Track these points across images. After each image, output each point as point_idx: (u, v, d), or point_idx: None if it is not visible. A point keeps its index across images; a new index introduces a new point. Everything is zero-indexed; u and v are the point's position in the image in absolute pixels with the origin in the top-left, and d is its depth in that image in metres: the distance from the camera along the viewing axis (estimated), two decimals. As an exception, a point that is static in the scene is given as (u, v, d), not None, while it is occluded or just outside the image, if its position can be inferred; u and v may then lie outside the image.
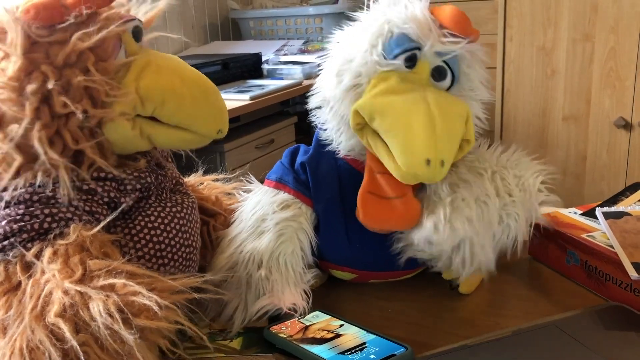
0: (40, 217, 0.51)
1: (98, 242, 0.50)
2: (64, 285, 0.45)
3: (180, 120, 0.55)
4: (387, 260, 0.63)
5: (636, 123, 2.12)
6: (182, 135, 0.56)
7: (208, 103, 0.56)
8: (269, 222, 0.62)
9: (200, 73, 0.58)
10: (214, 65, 1.99)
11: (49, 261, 0.48)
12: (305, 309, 0.60)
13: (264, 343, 0.57)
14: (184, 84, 0.54)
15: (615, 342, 0.53)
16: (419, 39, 0.57)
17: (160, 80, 0.54)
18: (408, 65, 0.58)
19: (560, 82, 2.24)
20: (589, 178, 2.27)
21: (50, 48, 0.51)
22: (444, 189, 0.59)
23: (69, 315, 0.44)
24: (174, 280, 0.49)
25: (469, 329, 0.60)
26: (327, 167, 0.64)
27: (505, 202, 0.60)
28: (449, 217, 0.58)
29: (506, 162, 0.63)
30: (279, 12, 2.55)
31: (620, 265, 0.61)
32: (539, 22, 2.22)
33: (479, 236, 0.59)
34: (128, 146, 0.56)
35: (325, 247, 0.64)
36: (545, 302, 0.64)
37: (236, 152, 1.81)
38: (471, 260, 0.59)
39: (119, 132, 0.53)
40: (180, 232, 0.58)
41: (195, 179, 0.75)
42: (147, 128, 0.55)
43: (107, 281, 0.46)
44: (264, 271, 0.60)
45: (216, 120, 0.57)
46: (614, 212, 0.70)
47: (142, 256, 0.55)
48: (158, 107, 0.53)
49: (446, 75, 0.59)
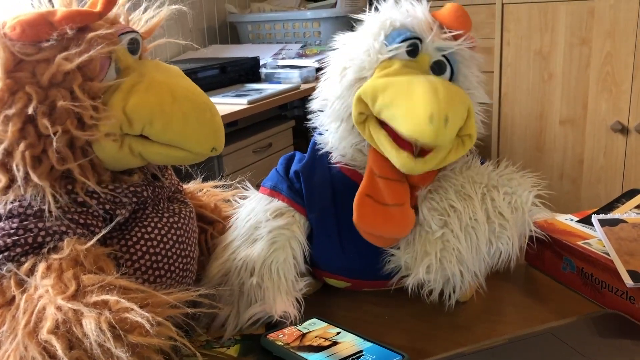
0: (34, 230, 0.50)
1: (92, 255, 0.50)
2: (57, 302, 0.45)
3: (171, 139, 0.53)
4: (380, 269, 0.63)
5: (633, 127, 2.13)
6: (174, 152, 0.54)
7: (200, 121, 0.54)
8: (262, 230, 0.62)
9: (196, 89, 0.56)
10: (212, 69, 1.99)
11: (43, 276, 0.48)
12: (297, 317, 0.60)
13: (261, 350, 0.57)
14: (175, 101, 0.53)
15: (611, 350, 0.53)
16: (420, 33, 0.59)
17: (148, 98, 0.52)
18: (410, 53, 0.59)
19: (557, 86, 2.24)
20: (585, 182, 2.28)
21: (37, 66, 0.50)
22: (434, 222, 0.60)
23: (62, 331, 0.44)
24: (168, 295, 0.48)
25: (465, 336, 0.60)
26: (321, 176, 0.64)
27: (495, 225, 0.60)
28: (440, 257, 0.59)
29: (497, 180, 0.62)
30: (276, 16, 2.55)
31: (616, 272, 0.61)
32: (536, 26, 2.22)
33: (469, 266, 0.60)
34: (119, 163, 0.55)
35: (319, 255, 0.65)
36: (541, 309, 0.64)
37: (234, 156, 1.81)
38: (462, 285, 0.62)
39: (106, 152, 0.52)
40: (177, 242, 0.57)
41: (195, 186, 0.75)
42: (137, 146, 0.53)
43: (100, 297, 0.45)
44: (256, 279, 0.60)
45: (209, 139, 0.54)
46: (610, 219, 0.71)
47: (139, 268, 0.54)
48: (146, 126, 0.52)
49: (445, 69, 0.60)
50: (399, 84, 0.56)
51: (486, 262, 0.62)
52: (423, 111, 0.52)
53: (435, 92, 0.53)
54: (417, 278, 0.60)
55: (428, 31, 0.59)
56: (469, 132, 0.57)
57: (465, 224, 0.59)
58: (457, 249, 0.59)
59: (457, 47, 0.60)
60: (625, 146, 2.17)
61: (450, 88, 0.55)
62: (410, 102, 0.54)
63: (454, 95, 0.55)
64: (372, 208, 0.59)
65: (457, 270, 0.60)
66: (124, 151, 0.53)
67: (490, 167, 0.64)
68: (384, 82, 0.57)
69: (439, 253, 0.59)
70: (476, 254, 0.60)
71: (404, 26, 0.60)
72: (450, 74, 0.60)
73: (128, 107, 0.51)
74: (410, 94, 0.54)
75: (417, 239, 0.60)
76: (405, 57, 0.59)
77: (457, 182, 0.62)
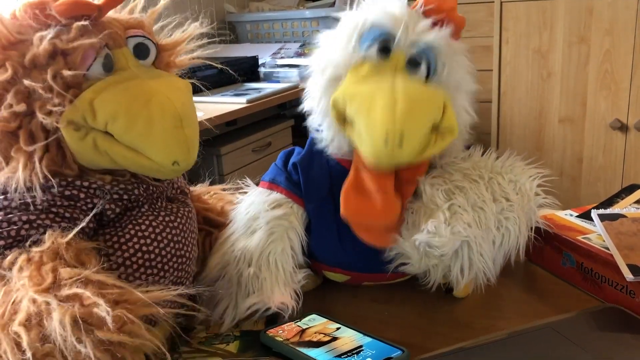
0: (18, 224, 0.50)
1: (74, 249, 0.49)
2: (30, 294, 0.45)
3: (132, 141, 0.51)
4: (379, 262, 0.63)
5: (632, 125, 2.13)
6: (137, 158, 0.52)
7: (167, 129, 0.51)
8: (260, 221, 0.62)
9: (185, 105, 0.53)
10: (211, 69, 1.99)
11: (21, 268, 0.48)
12: (295, 308, 0.60)
13: (261, 346, 0.57)
14: (147, 105, 0.51)
15: (611, 344, 0.53)
16: (392, 30, 0.58)
17: (120, 96, 0.51)
18: (381, 54, 0.58)
19: (556, 85, 2.24)
20: (585, 180, 2.28)
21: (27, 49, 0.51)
22: (440, 196, 0.59)
23: (33, 324, 0.43)
24: (145, 293, 0.47)
25: (464, 331, 0.60)
26: (319, 168, 0.64)
27: (503, 206, 0.60)
28: (449, 221, 0.58)
29: (501, 168, 0.63)
30: (275, 15, 2.56)
31: (615, 267, 0.61)
32: (534, 24, 2.22)
33: (478, 242, 0.59)
34: (88, 158, 0.53)
35: (317, 247, 0.65)
36: (541, 304, 0.64)
37: (233, 155, 1.81)
38: (469, 268, 0.60)
39: (69, 140, 0.52)
40: (172, 242, 0.57)
41: (202, 189, 0.75)
42: (102, 143, 0.52)
43: (71, 290, 0.45)
44: (254, 269, 0.60)
45: (171, 150, 0.51)
46: (609, 214, 0.70)
47: (130, 265, 0.54)
48: (109, 121, 0.51)
49: (420, 65, 0.58)
50: (362, 96, 0.55)
51: (496, 245, 0.60)
52: (379, 132, 0.52)
53: (392, 108, 0.52)
54: (425, 239, 0.57)
55: (401, 24, 0.57)
56: (447, 125, 0.56)
57: (472, 202, 0.59)
58: (466, 219, 0.58)
59: (432, 39, 0.57)
60: (624, 144, 2.17)
61: (413, 95, 0.54)
62: (369, 120, 0.53)
63: (415, 105, 0.53)
64: (356, 198, 0.59)
65: (469, 236, 0.57)
66: (87, 143, 0.52)
67: (493, 155, 0.64)
68: (352, 91, 0.56)
69: (448, 218, 0.58)
70: (485, 232, 0.59)
71: (376, 25, 0.58)
72: (426, 68, 0.58)
73: (96, 100, 0.51)
74: (370, 110, 0.54)
75: (422, 218, 0.59)
76: (377, 58, 0.58)
77: (462, 167, 0.62)
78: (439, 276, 0.61)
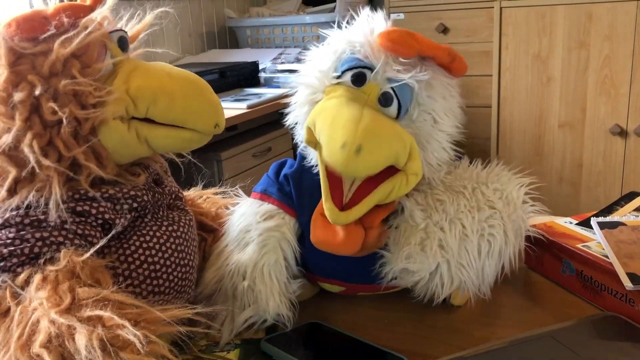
0: (31, 241, 0.50)
1: (89, 267, 0.49)
2: (51, 315, 0.44)
3: (176, 117, 0.54)
4: (374, 272, 0.63)
5: (631, 130, 2.13)
6: (180, 133, 0.55)
7: (201, 97, 0.56)
8: (252, 233, 0.62)
9: (189, 72, 0.58)
10: (211, 74, 1.99)
11: (38, 288, 0.47)
12: (291, 318, 0.60)
13: (261, 355, 0.57)
14: (174, 80, 0.55)
15: (611, 353, 0.53)
16: (372, 61, 0.57)
17: (149, 79, 0.54)
18: (355, 83, 0.57)
19: (556, 90, 2.25)
20: (584, 185, 2.28)
21: (35, 59, 0.51)
22: (418, 215, 0.59)
23: (54, 345, 0.43)
24: (163, 312, 0.47)
25: (464, 339, 0.60)
26: (310, 181, 0.64)
27: (487, 214, 0.59)
28: (422, 245, 0.58)
29: (486, 177, 0.62)
30: (275, 20, 2.56)
31: (615, 275, 0.61)
32: (534, 30, 2.23)
33: (455, 257, 0.58)
34: (126, 152, 0.55)
35: (312, 259, 0.64)
36: (541, 312, 0.64)
37: (233, 160, 1.81)
38: (451, 281, 0.59)
39: (115, 135, 0.53)
40: (176, 251, 0.57)
41: (195, 193, 0.74)
42: (143, 130, 0.54)
43: (94, 312, 0.45)
44: (248, 282, 0.60)
45: (211, 115, 0.56)
46: (609, 222, 0.71)
47: (136, 277, 0.54)
48: (151, 105, 0.53)
49: (392, 103, 0.56)
50: (329, 109, 0.55)
51: (482, 254, 0.60)
52: (338, 137, 0.52)
53: (356, 122, 0.52)
54: (401, 267, 0.59)
55: (379, 57, 0.56)
56: (414, 171, 0.56)
57: (450, 216, 0.59)
58: (440, 237, 0.58)
59: (408, 78, 0.56)
60: (624, 149, 2.17)
61: (379, 124, 0.54)
62: (332, 129, 0.53)
63: (379, 132, 0.53)
64: (322, 226, 0.58)
65: (441, 259, 0.58)
66: (131, 135, 0.54)
67: (479, 166, 0.64)
68: (320, 107, 0.56)
69: (420, 242, 0.58)
70: (463, 242, 0.59)
71: (355, 54, 0.58)
72: (397, 106, 0.56)
73: (131, 89, 0.53)
74: (334, 121, 0.53)
75: (402, 235, 0.60)
76: (351, 86, 0.57)
77: (445, 180, 0.62)
78: (423, 291, 0.61)
